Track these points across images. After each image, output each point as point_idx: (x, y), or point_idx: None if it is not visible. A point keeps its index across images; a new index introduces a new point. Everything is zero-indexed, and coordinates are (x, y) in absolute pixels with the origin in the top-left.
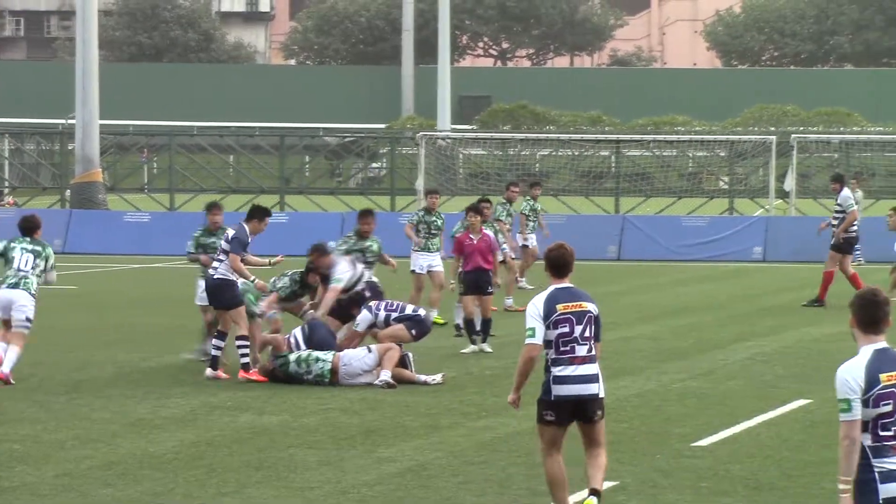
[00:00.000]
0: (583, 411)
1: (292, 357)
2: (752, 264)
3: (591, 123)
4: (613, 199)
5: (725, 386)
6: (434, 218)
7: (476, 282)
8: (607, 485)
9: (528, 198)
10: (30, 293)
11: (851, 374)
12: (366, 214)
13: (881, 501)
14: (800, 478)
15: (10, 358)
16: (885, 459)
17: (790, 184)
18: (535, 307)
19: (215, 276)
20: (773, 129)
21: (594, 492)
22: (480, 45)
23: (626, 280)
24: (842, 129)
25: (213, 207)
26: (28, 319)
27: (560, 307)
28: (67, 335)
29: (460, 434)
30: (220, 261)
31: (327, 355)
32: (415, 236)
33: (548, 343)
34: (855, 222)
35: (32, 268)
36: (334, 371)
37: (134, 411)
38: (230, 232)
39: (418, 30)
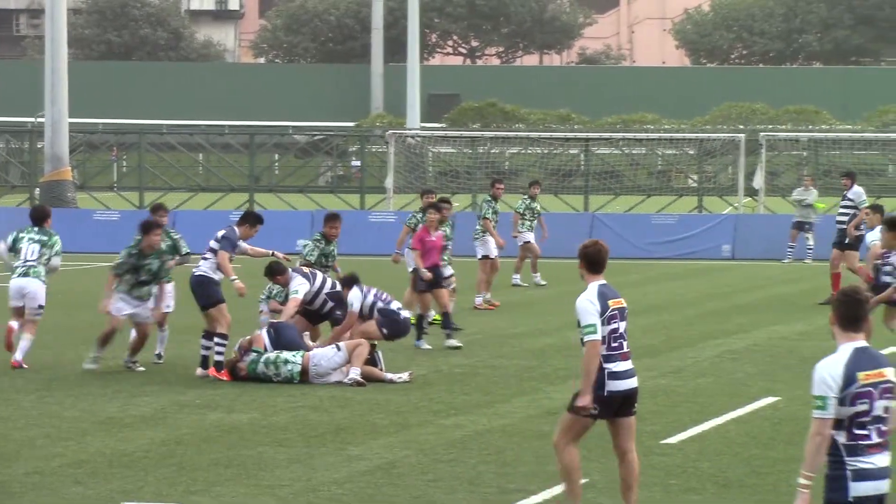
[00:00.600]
0: (629, 405)
1: (261, 358)
2: (721, 262)
3: (561, 121)
4: (583, 197)
5: (695, 383)
6: None
7: (434, 278)
8: None
9: (527, 196)
10: (40, 280)
11: (829, 372)
12: (333, 218)
13: (851, 499)
14: (768, 475)
15: (23, 346)
16: (859, 458)
17: (759, 182)
18: (591, 303)
19: (197, 273)
20: (741, 127)
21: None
22: (450, 43)
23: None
24: (810, 127)
25: (158, 209)
26: (40, 307)
27: (611, 303)
28: (37, 333)
29: (430, 432)
30: (206, 258)
31: (296, 356)
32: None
33: (602, 339)
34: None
35: (38, 257)
36: (304, 372)
37: (104, 410)
38: (222, 232)
39: (388, 28)
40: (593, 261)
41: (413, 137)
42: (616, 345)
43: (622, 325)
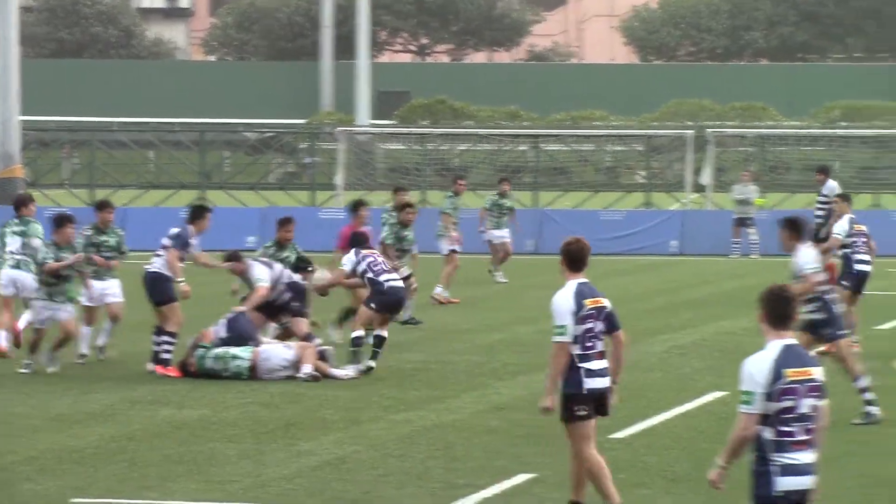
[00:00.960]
0: (603, 405)
1: (211, 353)
2: (669, 258)
3: (510, 118)
4: (531, 194)
5: (643, 378)
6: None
7: None
8: (525, 477)
9: (496, 193)
10: (30, 272)
11: (757, 367)
12: (287, 222)
13: (775, 493)
14: None
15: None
16: (785, 454)
17: (707, 178)
18: (566, 302)
19: (151, 270)
20: (689, 123)
21: None
22: (399, 40)
23: (544, 274)
24: (757, 123)
25: (104, 206)
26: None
27: (588, 302)
28: None
29: (380, 427)
30: (159, 256)
31: (245, 352)
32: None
33: (574, 339)
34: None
35: (22, 246)
36: (253, 367)
37: (54, 406)
38: (175, 229)
39: (338, 26)
40: (575, 258)
41: (363, 134)
42: (590, 344)
43: (599, 325)
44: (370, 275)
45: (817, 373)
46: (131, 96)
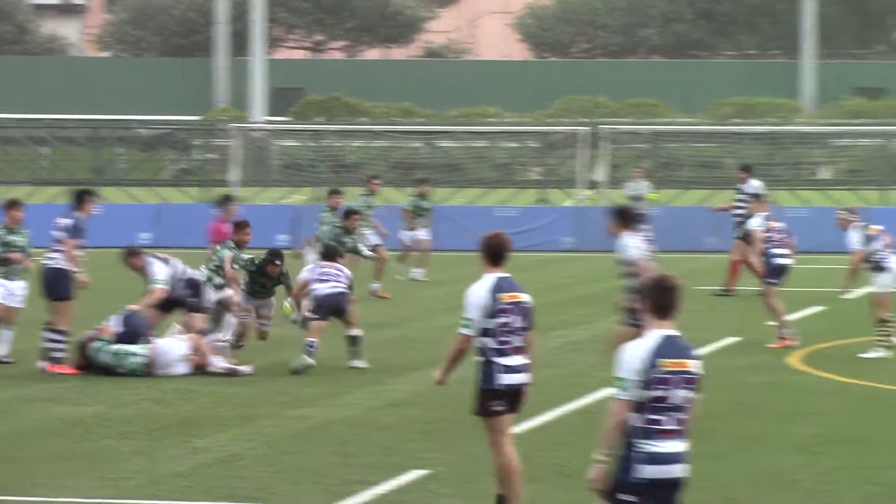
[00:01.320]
0: (517, 401)
1: (109, 348)
2: (564, 254)
3: (404, 115)
4: None
5: (537, 374)
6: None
7: None
8: (419, 473)
9: (417, 194)
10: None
11: (633, 356)
12: (244, 225)
13: (635, 480)
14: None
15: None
16: (651, 442)
17: (600, 174)
18: (477, 296)
19: (52, 265)
20: (583, 120)
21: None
22: (294, 37)
23: (438, 271)
24: (651, 120)
25: (14, 204)
26: None
27: (503, 297)
28: None
29: (275, 424)
30: (58, 250)
31: (141, 349)
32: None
33: (487, 332)
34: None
35: None
36: (149, 364)
37: None
38: (65, 221)
39: (232, 22)
40: (494, 252)
41: (257, 131)
42: (506, 339)
43: (518, 320)
44: (313, 286)
45: (694, 365)
46: (25, 92)
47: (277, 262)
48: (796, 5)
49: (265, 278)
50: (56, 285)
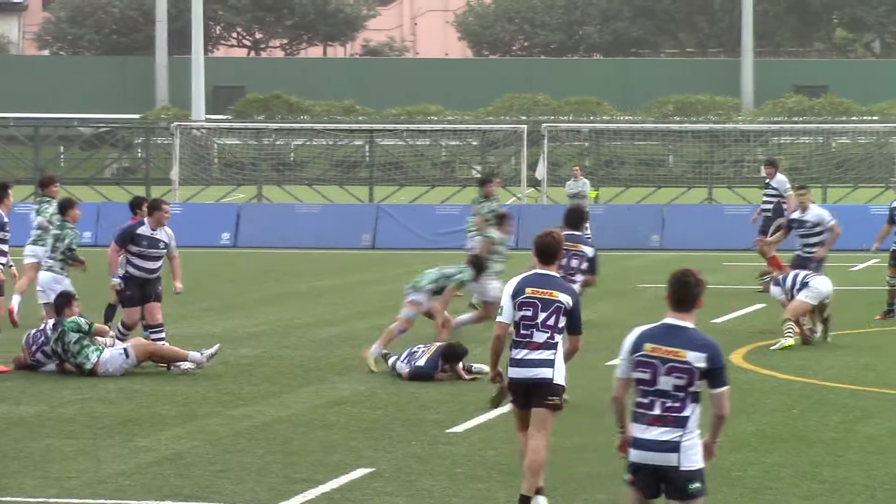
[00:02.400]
0: (536, 395)
1: (79, 332)
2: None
3: (345, 113)
4: (367, 188)
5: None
6: None
7: None
8: (363, 471)
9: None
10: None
11: (628, 337)
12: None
13: (628, 461)
14: (553, 462)
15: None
16: (636, 425)
17: (541, 172)
18: (509, 286)
19: None
20: (524, 118)
21: (524, 499)
22: (234, 35)
23: (379, 269)
24: (592, 117)
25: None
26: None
27: (529, 290)
28: None
29: (218, 423)
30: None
31: (94, 354)
32: None
33: (514, 324)
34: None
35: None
36: (93, 371)
37: None
38: None
39: (171, 20)
40: (542, 251)
41: (198, 129)
42: (525, 332)
43: (541, 316)
44: None
45: (689, 356)
46: None
47: None
48: (735, 3)
49: None
50: None
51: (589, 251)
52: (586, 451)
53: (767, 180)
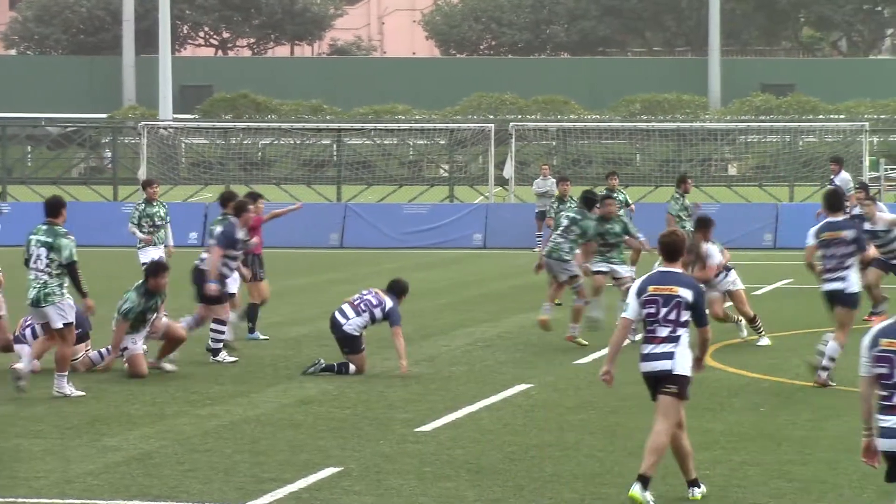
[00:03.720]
0: (661, 385)
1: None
2: (473, 251)
3: (313, 112)
4: (335, 188)
5: (447, 371)
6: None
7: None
8: (331, 470)
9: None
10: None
11: (866, 336)
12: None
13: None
14: (521, 461)
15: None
16: (879, 417)
17: (509, 171)
18: (635, 284)
19: None
20: (491, 117)
21: (641, 477)
22: (201, 34)
23: (348, 268)
24: (559, 116)
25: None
26: (65, 325)
27: (651, 288)
28: None
29: (186, 422)
30: None
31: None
32: None
33: (643, 322)
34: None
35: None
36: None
37: None
38: None
39: (138, 19)
40: (666, 249)
41: (166, 129)
42: (650, 328)
43: (662, 312)
44: None
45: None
46: None
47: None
48: (702, 2)
49: None
50: None
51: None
52: (553, 450)
53: (832, 177)
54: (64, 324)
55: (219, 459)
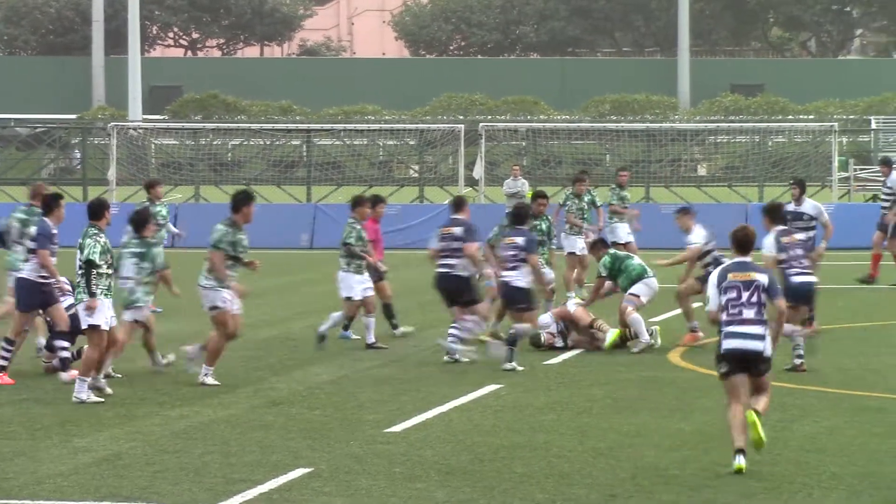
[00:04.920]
0: (751, 364)
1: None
2: None
3: (282, 113)
4: (305, 188)
5: (418, 372)
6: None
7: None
8: (301, 471)
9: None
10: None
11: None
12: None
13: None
14: (491, 461)
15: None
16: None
17: (479, 172)
18: (714, 276)
19: None
20: (461, 117)
21: (755, 412)
22: (170, 35)
23: (318, 268)
24: (529, 117)
25: None
26: (89, 326)
27: (730, 276)
28: None
29: (155, 423)
30: None
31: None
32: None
33: (717, 307)
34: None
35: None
36: None
37: None
38: None
39: (108, 20)
40: (739, 243)
41: (135, 129)
42: (734, 311)
43: (745, 295)
44: None
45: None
46: None
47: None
48: (671, 2)
49: None
50: None
51: (520, 241)
52: (523, 450)
53: (884, 178)
54: (90, 325)
55: (189, 460)
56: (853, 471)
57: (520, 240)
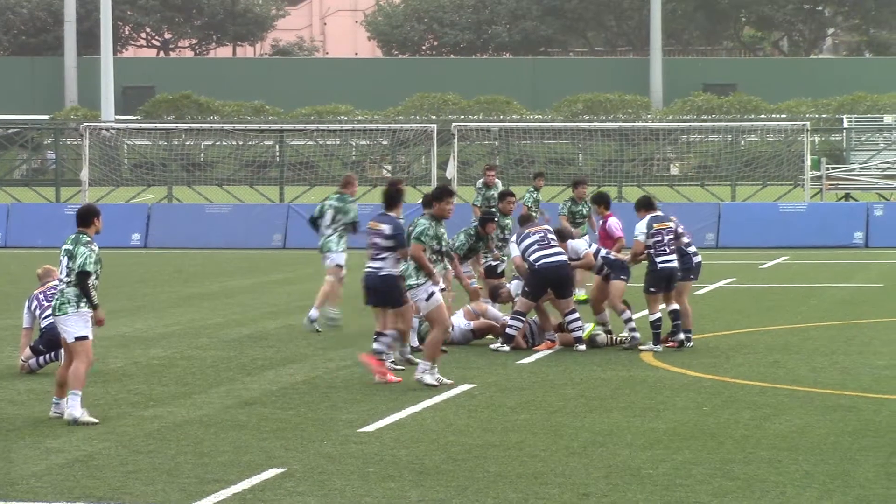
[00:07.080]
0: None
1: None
2: None
3: (255, 113)
4: (278, 188)
5: (397, 373)
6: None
7: None
8: (274, 471)
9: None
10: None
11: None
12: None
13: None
14: (464, 461)
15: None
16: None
17: (452, 171)
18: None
19: None
20: (433, 117)
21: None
22: (143, 35)
23: (291, 268)
24: (501, 116)
25: None
26: (77, 339)
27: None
28: None
29: (128, 424)
30: None
31: None
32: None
33: None
34: None
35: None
36: None
37: None
38: None
39: (80, 21)
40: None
41: (108, 130)
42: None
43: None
44: None
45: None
46: None
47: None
48: (644, 2)
49: None
50: None
51: (387, 229)
52: (497, 450)
53: None
54: (76, 337)
55: (162, 461)
56: (825, 469)
57: (386, 227)
